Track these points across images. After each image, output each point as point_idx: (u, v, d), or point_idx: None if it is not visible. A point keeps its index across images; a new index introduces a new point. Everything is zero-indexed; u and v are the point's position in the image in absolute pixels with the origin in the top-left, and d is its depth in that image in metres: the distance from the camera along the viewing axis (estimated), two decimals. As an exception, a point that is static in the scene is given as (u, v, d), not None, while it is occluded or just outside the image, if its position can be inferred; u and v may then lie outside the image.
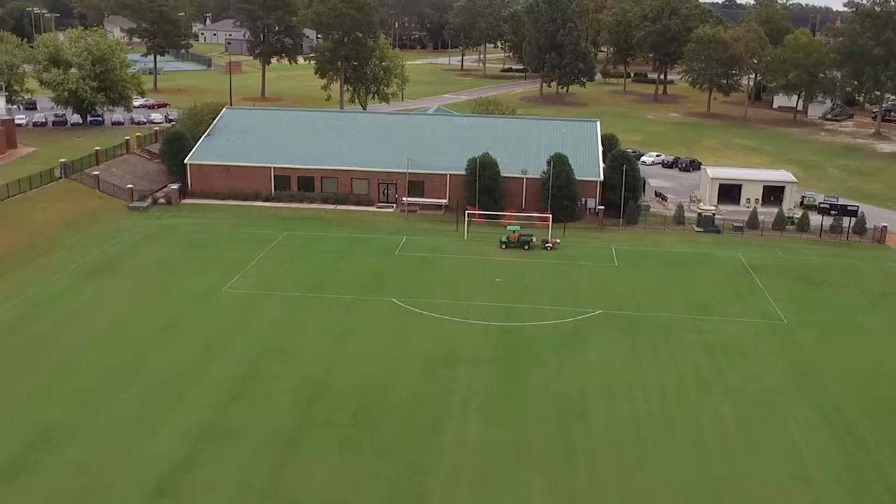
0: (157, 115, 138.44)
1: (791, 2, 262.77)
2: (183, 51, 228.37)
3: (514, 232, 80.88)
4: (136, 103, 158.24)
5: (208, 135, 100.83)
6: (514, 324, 62.53)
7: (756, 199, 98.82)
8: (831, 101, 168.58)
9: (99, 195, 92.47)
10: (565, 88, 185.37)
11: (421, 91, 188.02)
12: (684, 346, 59.39)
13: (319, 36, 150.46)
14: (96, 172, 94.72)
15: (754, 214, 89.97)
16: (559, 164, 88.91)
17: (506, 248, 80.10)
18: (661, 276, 74.32)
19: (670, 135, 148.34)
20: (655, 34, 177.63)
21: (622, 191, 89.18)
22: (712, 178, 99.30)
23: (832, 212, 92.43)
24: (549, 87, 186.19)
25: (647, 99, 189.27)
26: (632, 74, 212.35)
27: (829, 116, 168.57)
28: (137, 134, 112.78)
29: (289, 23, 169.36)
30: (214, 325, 61.12)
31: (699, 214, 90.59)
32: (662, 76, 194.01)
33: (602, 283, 71.85)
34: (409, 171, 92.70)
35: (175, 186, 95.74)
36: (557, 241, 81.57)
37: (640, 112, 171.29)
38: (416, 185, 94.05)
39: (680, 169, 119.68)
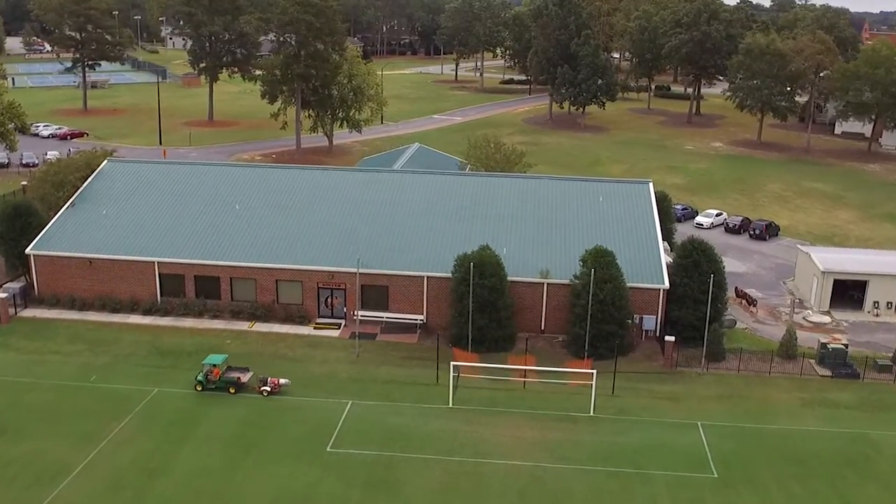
0: (54, 153, 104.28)
1: (810, 1, 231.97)
2: (139, 59, 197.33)
3: (214, 367, 50.48)
4: (44, 132, 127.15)
5: (72, 205, 67.51)
6: None
7: (889, 303, 66.21)
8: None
9: None
10: (580, 108, 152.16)
11: (405, 110, 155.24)
12: None
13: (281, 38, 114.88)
14: None
15: (908, 343, 57.14)
16: (602, 264, 55.76)
17: (202, 389, 50.17)
18: (802, 507, 41.32)
19: (720, 174, 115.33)
20: (693, 44, 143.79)
21: (708, 309, 55.76)
22: (824, 271, 66.20)
23: None
24: (561, 106, 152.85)
25: (678, 121, 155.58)
26: (652, 88, 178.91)
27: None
28: (-10, 194, 79.72)
29: (240, 29, 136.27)
30: None
31: (822, 345, 57.32)
32: (697, 93, 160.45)
33: (701, 536, 38.86)
34: (361, 270, 59.49)
35: (7, 292, 62.39)
36: (284, 381, 50.83)
37: (675, 140, 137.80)
38: (376, 292, 60.54)
39: (751, 236, 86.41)
